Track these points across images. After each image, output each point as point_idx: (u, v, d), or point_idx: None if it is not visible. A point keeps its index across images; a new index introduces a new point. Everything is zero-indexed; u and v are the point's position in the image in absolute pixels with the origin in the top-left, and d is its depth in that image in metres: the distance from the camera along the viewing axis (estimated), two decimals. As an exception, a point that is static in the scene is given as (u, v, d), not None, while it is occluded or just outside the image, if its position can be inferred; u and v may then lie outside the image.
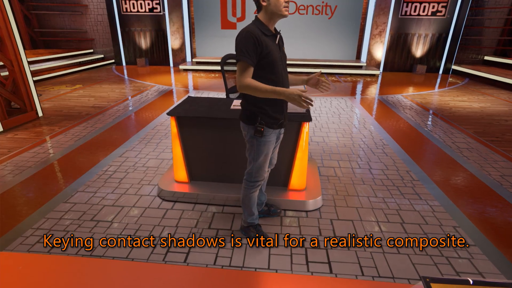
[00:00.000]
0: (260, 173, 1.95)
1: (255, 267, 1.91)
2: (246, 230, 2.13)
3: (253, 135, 1.82)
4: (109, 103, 5.69)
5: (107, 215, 2.38)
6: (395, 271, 1.88)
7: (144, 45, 10.23)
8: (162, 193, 2.62)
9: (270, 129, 1.82)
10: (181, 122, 2.50)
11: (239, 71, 1.64)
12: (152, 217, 2.38)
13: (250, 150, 1.90)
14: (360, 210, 2.50)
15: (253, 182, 1.98)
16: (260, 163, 1.91)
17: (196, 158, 2.64)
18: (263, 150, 1.86)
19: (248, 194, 2.01)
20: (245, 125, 1.86)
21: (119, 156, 3.44)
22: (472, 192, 2.79)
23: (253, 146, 1.86)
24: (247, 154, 1.94)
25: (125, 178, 2.96)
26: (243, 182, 2.02)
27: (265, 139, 1.83)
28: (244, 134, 1.91)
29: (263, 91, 1.62)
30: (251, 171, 1.95)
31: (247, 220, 2.11)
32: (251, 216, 2.09)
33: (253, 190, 2.00)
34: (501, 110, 5.52)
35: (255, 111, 1.78)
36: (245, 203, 2.05)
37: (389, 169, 3.20)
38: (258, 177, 1.96)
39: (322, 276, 1.85)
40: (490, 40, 9.38)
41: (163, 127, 4.40)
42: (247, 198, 2.02)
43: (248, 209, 2.07)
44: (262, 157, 1.89)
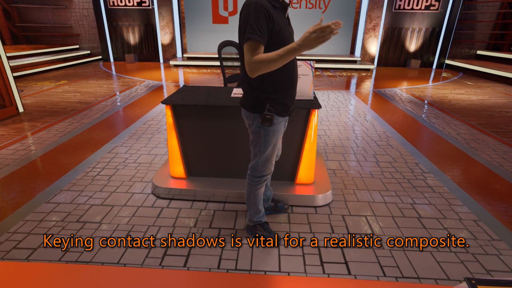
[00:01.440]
0: (267, 167, 1.74)
1: (265, 270, 1.70)
2: (253, 229, 1.92)
3: (260, 125, 1.60)
4: (96, 98, 5.39)
5: (95, 216, 2.13)
6: (420, 271, 1.70)
7: (132, 41, 9.88)
8: (157, 190, 2.39)
9: (280, 117, 1.61)
10: (177, 112, 2.27)
11: (248, 51, 1.38)
12: (146, 216, 2.14)
13: (256, 142, 1.68)
14: (373, 205, 2.32)
15: (259, 177, 1.76)
16: (267, 155, 1.70)
17: (194, 152, 2.41)
18: (271, 140, 1.65)
19: (253, 191, 1.80)
20: (249, 114, 1.63)
21: (108, 152, 3.18)
22: (487, 184, 2.64)
23: (260, 137, 1.64)
24: (252, 146, 1.72)
25: (114, 175, 2.71)
26: (247, 178, 1.81)
27: (274, 128, 1.62)
28: (247, 124, 1.69)
29: (278, 58, 1.35)
30: (257, 165, 1.74)
31: (253, 219, 1.89)
32: (258, 214, 1.88)
33: (259, 186, 1.79)
34: (500, 102, 5.45)
35: (262, 97, 1.57)
36: (251, 200, 1.84)
37: (397, 162, 3.04)
38: (264, 171, 1.75)
39: (340, 278, 1.65)
40: (482, 34, 9.39)
41: (155, 122, 4.14)
42: (253, 195, 1.81)
43: (254, 207, 1.86)
44: (270, 148, 1.67)
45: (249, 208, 1.89)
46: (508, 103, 5.39)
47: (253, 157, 1.75)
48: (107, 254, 1.79)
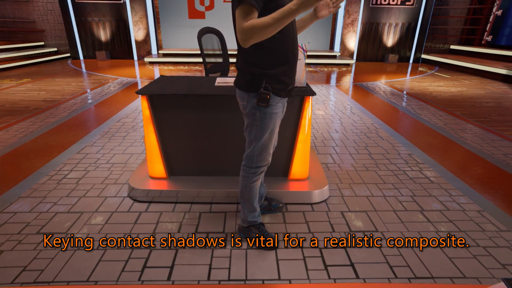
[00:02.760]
0: (264, 156, 1.53)
1: (262, 279, 1.48)
2: (247, 231, 1.70)
3: (255, 105, 1.40)
4: (64, 96, 4.95)
5: (60, 225, 1.83)
6: (433, 269, 1.54)
7: (103, 37, 9.34)
8: (134, 192, 2.11)
9: (277, 97, 1.41)
10: (155, 103, 2.01)
11: (240, 16, 1.19)
12: (121, 223, 1.86)
13: (251, 126, 1.47)
14: (372, 199, 2.16)
15: (255, 168, 1.55)
16: (264, 142, 1.49)
17: (175, 148, 2.15)
18: (269, 124, 1.44)
19: (248, 185, 1.58)
20: (244, 94, 1.43)
21: (77, 152, 2.84)
22: (484, 173, 2.56)
23: (255, 120, 1.44)
24: (247, 132, 1.51)
25: (84, 177, 2.39)
26: (242, 170, 1.59)
27: (271, 110, 1.42)
28: (242, 106, 1.48)
29: (273, 22, 1.15)
30: (252, 154, 1.52)
31: (247, 219, 1.67)
32: (253, 212, 1.66)
33: (255, 178, 1.58)
34: (479, 94, 5.53)
35: (258, 73, 1.36)
36: (245, 196, 1.62)
37: (390, 153, 2.91)
38: (261, 161, 1.54)
39: (348, 283, 1.46)
40: (455, 29, 9.64)
41: (129, 119, 3.81)
42: (248, 190, 1.59)
43: (248, 204, 1.64)
44: (267, 134, 1.47)
45: (242, 206, 1.66)
46: (486, 94, 5.47)
47: (248, 145, 1.54)
48: (75, 269, 1.50)
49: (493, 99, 5.09)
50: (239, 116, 2.04)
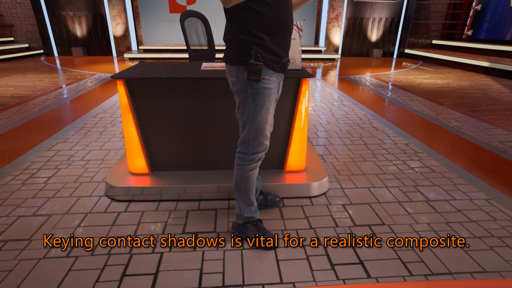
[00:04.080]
0: (260, 140, 1.34)
1: (262, 283, 1.29)
2: (242, 229, 1.50)
3: (246, 80, 1.22)
4: (34, 92, 4.58)
5: (23, 231, 1.57)
6: (450, 264, 1.39)
7: (79, 33, 8.88)
8: (112, 190, 1.87)
9: (270, 71, 1.23)
10: (134, 88, 1.77)
11: None
12: (97, 225, 1.62)
13: (243, 106, 1.29)
14: (374, 190, 2.01)
15: (251, 154, 1.36)
16: (259, 124, 1.30)
17: (158, 140, 1.92)
18: (262, 102, 1.26)
19: (244, 174, 1.39)
20: (233, 68, 1.26)
21: (47, 149, 2.55)
22: (484, 160, 2.47)
23: (247, 97, 1.26)
24: (238, 113, 1.33)
25: (54, 176, 2.12)
26: (237, 158, 1.40)
27: (264, 84, 1.24)
28: (231, 83, 1.30)
29: None
30: (247, 139, 1.34)
31: (243, 214, 1.47)
32: (249, 207, 1.47)
33: (251, 167, 1.39)
34: (465, 85, 5.54)
35: (248, 41, 1.19)
36: (240, 188, 1.42)
37: (386, 143, 2.78)
38: (257, 146, 1.35)
39: (359, 283, 1.29)
40: (436, 24, 9.76)
41: (107, 114, 3.53)
42: (244, 181, 1.40)
43: (244, 198, 1.44)
44: (261, 114, 1.29)
45: (238, 200, 1.47)
46: (472, 86, 5.49)
47: (242, 129, 1.35)
48: (39, 282, 1.26)
49: (480, 90, 5.10)
50: (230, 102, 1.83)
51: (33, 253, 1.42)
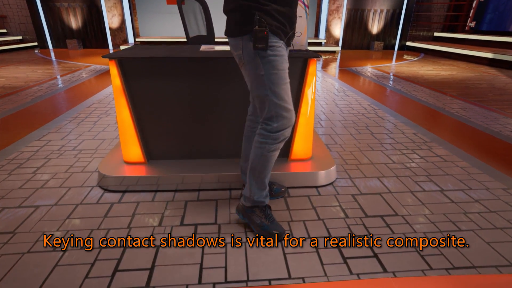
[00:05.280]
0: (284, 115, 1.18)
1: (269, 279, 1.17)
2: (249, 214, 1.38)
3: (253, 51, 1.10)
4: (27, 83, 4.43)
5: (7, 224, 1.44)
6: (472, 257, 1.28)
7: (74, 25, 8.67)
8: (105, 180, 1.74)
9: (276, 37, 1.12)
10: (127, 70, 1.64)
11: None
12: (88, 217, 1.50)
13: (256, 80, 1.16)
14: (384, 180, 1.89)
15: (275, 132, 1.21)
16: (278, 96, 1.16)
17: (155, 126, 1.79)
18: (277, 71, 1.13)
19: (264, 154, 1.25)
20: (237, 40, 1.14)
21: (37, 139, 2.42)
22: (497, 149, 2.35)
23: (258, 69, 1.13)
24: (253, 91, 1.20)
25: (44, 166, 1.99)
26: (258, 135, 1.25)
27: (274, 52, 1.12)
28: (237, 57, 1.18)
29: None
30: (270, 115, 1.19)
31: (253, 198, 1.34)
32: (261, 191, 1.34)
33: (274, 147, 1.24)
34: (469, 76, 5.42)
35: (250, 7, 1.07)
36: (256, 169, 1.29)
37: (393, 133, 2.66)
38: (282, 123, 1.19)
39: (375, 278, 1.18)
40: (438, 16, 9.61)
41: (102, 105, 3.39)
42: (262, 161, 1.26)
43: (259, 180, 1.31)
44: (278, 83, 1.15)
45: (250, 182, 1.33)
46: (476, 77, 5.37)
47: (261, 106, 1.21)
48: (22, 279, 1.14)
49: (485, 81, 4.98)
50: (233, 85, 1.71)
51: (17, 247, 1.29)
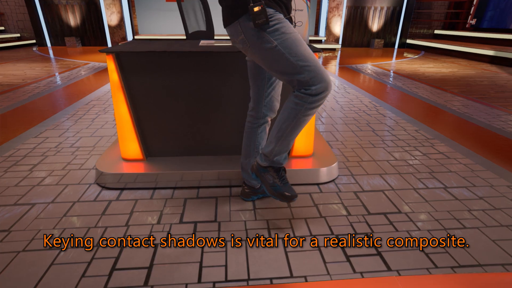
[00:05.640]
0: (317, 73, 1.09)
1: (270, 277, 1.14)
2: (262, 173, 1.33)
3: (254, 29, 1.08)
4: (24, 80, 4.38)
5: (2, 222, 1.41)
6: (478, 255, 1.25)
7: (73, 22, 8.62)
8: (103, 178, 1.71)
9: (272, 10, 1.09)
10: (125, 64, 1.60)
11: None
12: (85, 215, 1.47)
13: (272, 54, 1.09)
14: (386, 177, 1.86)
15: (316, 95, 1.11)
16: (303, 58, 1.08)
17: (153, 122, 1.76)
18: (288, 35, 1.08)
19: (299, 117, 1.16)
20: (235, 26, 1.12)
21: (34, 136, 2.38)
22: (500, 146, 2.33)
23: (270, 43, 1.08)
24: (274, 68, 1.13)
25: (41, 163, 1.96)
26: (294, 96, 1.15)
27: (277, 21, 1.09)
28: (240, 42, 1.15)
29: None
30: (304, 80, 1.09)
31: (272, 157, 1.28)
32: (282, 154, 1.29)
33: (311, 111, 1.15)
34: (471, 73, 5.39)
35: None
36: (286, 130, 1.21)
37: (395, 130, 2.63)
38: (318, 82, 1.09)
39: (379, 277, 1.15)
40: (439, 14, 9.57)
41: (101, 102, 3.36)
42: (295, 123, 1.18)
43: (284, 142, 1.24)
44: (297, 46, 1.08)
45: (275, 141, 1.25)
46: (477, 74, 5.34)
47: (290, 76, 1.11)
48: (16, 279, 1.11)
49: (487, 78, 4.95)
50: (233, 80, 1.67)
51: (12, 245, 1.26)
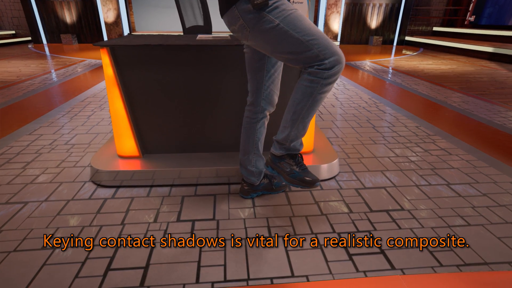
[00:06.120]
0: (327, 46, 1.03)
1: (271, 277, 1.11)
2: (278, 163, 1.26)
3: (254, 12, 1.04)
4: (19, 77, 4.32)
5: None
6: (483, 253, 1.22)
7: (69, 19, 8.53)
8: (98, 175, 1.67)
9: None
10: (120, 58, 1.56)
11: None
12: (79, 213, 1.42)
13: (277, 34, 1.04)
14: (388, 173, 1.83)
15: (330, 69, 1.03)
16: (309, 33, 1.02)
17: (150, 119, 1.72)
18: (290, 12, 1.04)
19: (315, 95, 1.09)
20: (232, 12, 1.09)
21: (28, 134, 2.33)
22: (502, 142, 2.30)
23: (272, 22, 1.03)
24: (279, 49, 1.07)
25: (34, 161, 1.91)
26: (305, 74, 1.08)
27: (277, 4, 1.04)
28: (240, 27, 1.11)
29: None
30: (313, 55, 1.03)
31: (289, 144, 1.21)
32: (298, 138, 1.20)
33: (327, 87, 1.08)
34: (470, 70, 5.36)
35: None
36: (302, 111, 1.13)
37: (395, 126, 2.60)
38: (330, 55, 1.03)
39: (383, 276, 1.11)
40: (437, 10, 9.54)
41: (96, 99, 3.30)
42: (312, 102, 1.11)
43: (302, 124, 1.16)
44: (302, 22, 1.03)
45: (291, 125, 1.16)
46: (476, 71, 5.32)
47: (297, 55, 1.05)
48: (6, 279, 1.06)
49: (486, 75, 4.92)
50: (232, 74, 1.63)
51: (3, 245, 1.22)
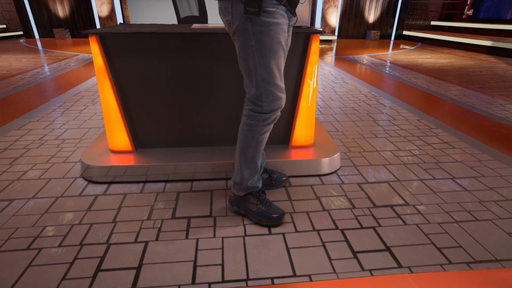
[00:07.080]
0: (274, 93, 1.08)
1: (271, 277, 1.05)
2: (243, 203, 1.26)
3: (244, 15, 0.97)
4: (9, 71, 4.20)
5: (-22, 218, 1.29)
6: (493, 249, 1.17)
7: (61, 13, 8.34)
8: (89, 171, 1.59)
9: (274, 1, 0.98)
10: (111, 48, 1.47)
11: None
12: (68, 211, 1.35)
13: (246, 50, 1.02)
14: (390, 167, 1.77)
15: (265, 113, 1.10)
16: (268, 71, 1.04)
17: (143, 111, 1.64)
18: (269, 41, 1.00)
19: (256, 137, 1.14)
20: (226, 3, 1.01)
21: (17, 128, 2.24)
22: (506, 135, 2.25)
23: (248, 39, 1.00)
24: (242, 62, 1.07)
25: (22, 156, 1.83)
26: (246, 117, 1.14)
27: (268, 19, 0.98)
28: (227, 23, 1.05)
29: None
30: (258, 93, 1.07)
31: (246, 184, 1.23)
32: (254, 176, 1.23)
33: (265, 129, 1.14)
34: (469, 64, 5.32)
35: None
36: (247, 153, 1.18)
37: (396, 119, 2.54)
38: (272, 102, 1.09)
39: (390, 275, 1.05)
40: (435, 4, 9.47)
41: (89, 93, 3.21)
42: (254, 144, 1.15)
43: (251, 164, 1.20)
44: (270, 56, 1.02)
45: (242, 167, 1.21)
46: (476, 64, 5.27)
47: (249, 81, 1.08)
48: None
49: (485, 69, 4.88)
50: (228, 65, 1.55)
51: (-15, 245, 1.14)
